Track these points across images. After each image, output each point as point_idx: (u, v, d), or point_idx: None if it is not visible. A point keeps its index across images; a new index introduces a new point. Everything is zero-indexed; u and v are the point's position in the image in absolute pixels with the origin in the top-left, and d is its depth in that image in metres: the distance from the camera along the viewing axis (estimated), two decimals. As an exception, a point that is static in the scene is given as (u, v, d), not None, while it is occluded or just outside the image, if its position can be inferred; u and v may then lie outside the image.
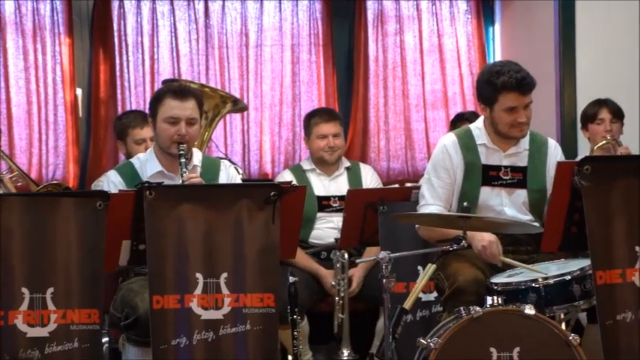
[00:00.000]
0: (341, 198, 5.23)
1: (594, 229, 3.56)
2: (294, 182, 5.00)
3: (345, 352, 5.00)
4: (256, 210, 3.61)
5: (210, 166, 4.36)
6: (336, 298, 4.98)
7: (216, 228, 3.57)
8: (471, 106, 6.50)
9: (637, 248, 3.59)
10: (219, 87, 6.28)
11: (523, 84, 4.17)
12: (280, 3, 6.57)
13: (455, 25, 6.75)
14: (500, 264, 4.11)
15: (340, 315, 4.97)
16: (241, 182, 4.40)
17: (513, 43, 6.69)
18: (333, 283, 5.00)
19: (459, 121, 5.72)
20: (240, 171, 5.30)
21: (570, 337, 3.57)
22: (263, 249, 3.60)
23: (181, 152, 4.10)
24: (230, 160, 5.35)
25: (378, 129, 6.68)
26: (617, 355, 3.59)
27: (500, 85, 4.17)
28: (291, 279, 4.41)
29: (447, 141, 4.39)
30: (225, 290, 3.56)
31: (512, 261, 4.09)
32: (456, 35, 6.74)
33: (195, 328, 3.52)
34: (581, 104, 5.91)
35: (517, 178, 4.32)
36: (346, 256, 4.96)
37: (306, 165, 5.46)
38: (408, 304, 3.77)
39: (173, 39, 6.43)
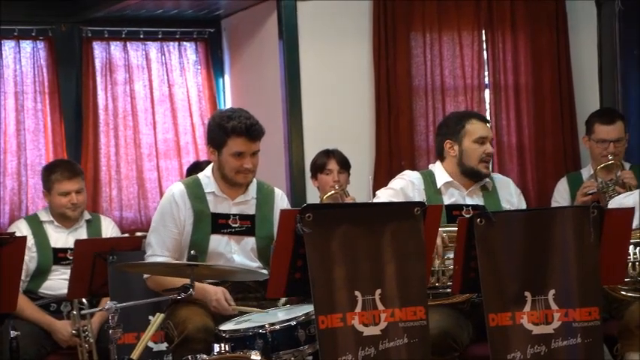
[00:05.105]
0: (80, 250, 5.12)
1: (316, 274, 3.63)
2: (29, 233, 4.97)
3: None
4: (-28, 263, 3.46)
5: None
6: (82, 345, 4.83)
7: None
8: (203, 156, 6.55)
9: (356, 292, 3.71)
10: None
11: (252, 130, 4.27)
12: (1, 49, 6.38)
13: (185, 75, 6.81)
14: (237, 312, 4.15)
15: None
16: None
17: (243, 94, 6.82)
18: (73, 331, 4.86)
19: (195, 170, 5.72)
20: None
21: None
22: (-20, 303, 3.46)
23: None
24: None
25: (110, 178, 6.60)
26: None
27: (230, 129, 4.25)
28: (13, 333, 4.24)
29: (175, 190, 4.39)
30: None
31: (247, 308, 4.16)
32: (187, 85, 6.80)
33: None
34: (309, 154, 6.09)
35: (245, 225, 4.38)
36: (85, 300, 4.85)
37: (44, 216, 5.27)
38: (135, 355, 3.75)
39: None
